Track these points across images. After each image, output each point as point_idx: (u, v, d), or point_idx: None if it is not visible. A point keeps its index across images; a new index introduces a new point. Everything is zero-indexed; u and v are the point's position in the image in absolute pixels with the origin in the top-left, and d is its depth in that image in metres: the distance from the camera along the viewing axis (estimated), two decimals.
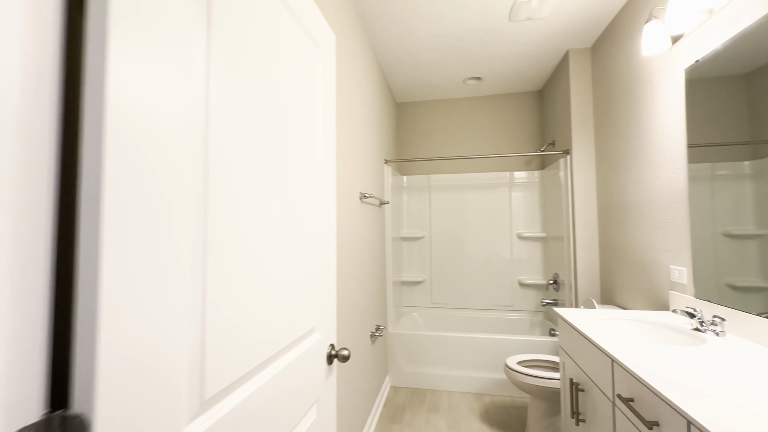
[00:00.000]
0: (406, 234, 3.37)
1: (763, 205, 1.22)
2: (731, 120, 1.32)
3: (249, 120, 0.65)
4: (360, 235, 1.98)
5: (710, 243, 1.41)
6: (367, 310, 2.09)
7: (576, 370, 1.42)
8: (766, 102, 1.20)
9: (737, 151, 1.30)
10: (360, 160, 2.00)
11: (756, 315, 1.18)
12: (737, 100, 1.30)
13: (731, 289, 1.32)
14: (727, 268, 1.34)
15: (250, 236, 0.65)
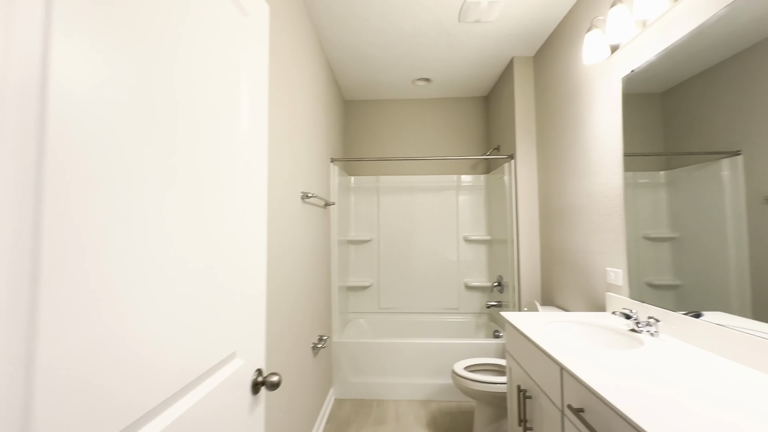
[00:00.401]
0: (354, 237, 3.24)
1: (674, 211, 1.33)
2: (651, 133, 1.42)
3: (121, 96, 0.48)
4: (302, 239, 1.81)
5: (633, 245, 1.51)
6: (309, 321, 1.92)
7: (523, 376, 1.39)
8: (676, 119, 1.31)
9: (656, 161, 1.40)
10: (302, 157, 1.84)
11: (683, 314, 1.23)
12: (655, 115, 1.40)
13: (650, 287, 1.43)
14: (646, 268, 1.45)
15: (133, 250, 0.47)
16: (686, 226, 1.29)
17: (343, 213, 3.00)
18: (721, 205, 1.15)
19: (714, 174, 1.17)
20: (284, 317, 1.52)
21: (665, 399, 0.80)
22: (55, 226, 0.37)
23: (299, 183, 1.77)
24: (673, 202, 1.34)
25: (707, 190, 1.20)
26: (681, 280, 1.31)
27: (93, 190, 0.42)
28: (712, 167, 1.18)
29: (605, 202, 1.67)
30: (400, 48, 2.39)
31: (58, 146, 0.38)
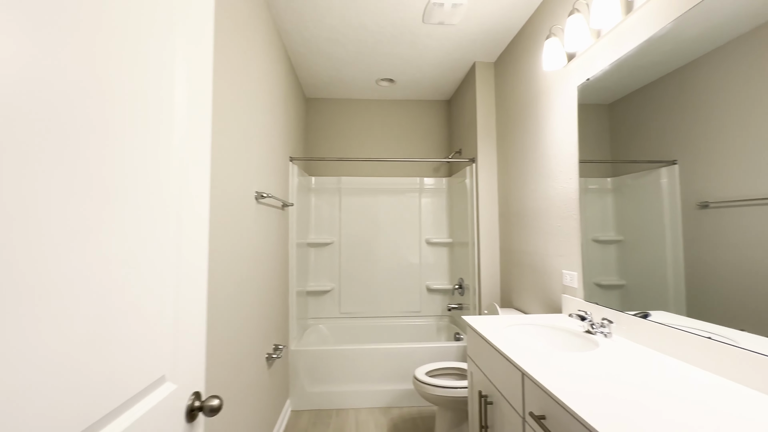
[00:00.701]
0: (314, 239, 3.12)
1: (620, 215, 1.40)
2: (600, 142, 1.49)
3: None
4: (256, 242, 1.68)
5: (585, 248, 1.58)
6: (263, 330, 1.79)
7: (484, 381, 1.37)
8: (621, 129, 1.39)
9: (604, 169, 1.48)
10: (257, 154, 1.71)
11: (632, 315, 1.27)
12: (604, 125, 1.47)
13: (598, 287, 1.50)
14: (595, 270, 1.52)
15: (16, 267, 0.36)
16: (630, 229, 1.35)
17: (303, 214, 2.88)
18: (660, 210, 1.22)
19: (654, 181, 1.24)
20: (234, 329, 1.39)
21: (623, 402, 0.80)
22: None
23: (253, 182, 1.65)
24: (619, 207, 1.41)
25: (648, 196, 1.27)
26: (625, 280, 1.37)
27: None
28: (653, 175, 1.25)
29: (562, 207, 1.72)
30: (363, 45, 2.33)
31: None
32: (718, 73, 1.03)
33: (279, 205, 2.17)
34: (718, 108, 1.03)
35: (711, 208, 1.04)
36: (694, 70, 1.10)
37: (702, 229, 1.07)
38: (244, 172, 1.52)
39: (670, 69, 1.17)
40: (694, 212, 1.10)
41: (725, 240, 1.00)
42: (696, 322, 1.07)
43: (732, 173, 0.98)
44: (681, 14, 1.10)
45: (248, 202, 1.58)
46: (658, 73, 1.22)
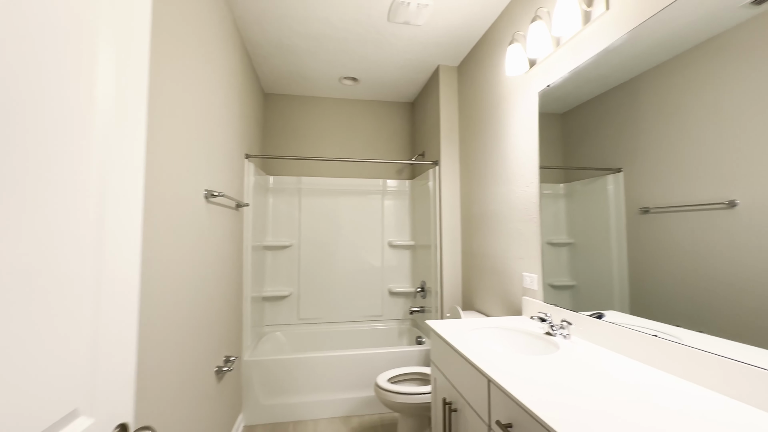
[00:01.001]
0: (272, 242, 2.96)
1: (571, 219, 1.46)
2: (554, 149, 1.55)
3: None
4: (206, 245, 1.53)
5: (544, 251, 1.62)
6: (212, 341, 1.64)
7: (448, 388, 1.34)
8: (572, 138, 1.45)
9: (557, 175, 1.53)
10: (208, 149, 1.57)
11: (588, 316, 1.31)
12: (557, 134, 1.52)
13: (552, 287, 1.55)
14: (549, 271, 1.57)
15: None
16: (580, 232, 1.41)
17: (260, 215, 2.72)
18: (607, 215, 1.28)
19: (601, 187, 1.31)
20: (178, 343, 1.25)
21: (587, 410, 0.79)
22: None
23: (203, 179, 1.50)
24: (570, 212, 1.47)
25: (596, 202, 1.33)
26: (576, 281, 1.43)
27: None
28: (600, 181, 1.31)
29: (523, 210, 1.74)
30: (327, 41, 2.25)
31: None
32: (657, 88, 1.09)
33: (232, 205, 2.02)
34: (657, 121, 1.09)
35: (651, 213, 1.11)
36: (637, 84, 1.16)
37: (643, 232, 1.14)
38: (192, 168, 1.38)
39: (617, 82, 1.24)
40: (636, 217, 1.16)
41: (663, 242, 1.07)
42: (642, 320, 1.13)
43: (669, 181, 1.05)
44: (631, 29, 1.15)
45: (196, 202, 1.43)
46: (606, 85, 1.29)
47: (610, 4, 1.24)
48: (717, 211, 0.92)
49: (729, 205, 0.90)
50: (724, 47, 0.91)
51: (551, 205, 1.57)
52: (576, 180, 1.44)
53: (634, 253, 1.17)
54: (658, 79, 1.09)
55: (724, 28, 0.91)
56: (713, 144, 0.94)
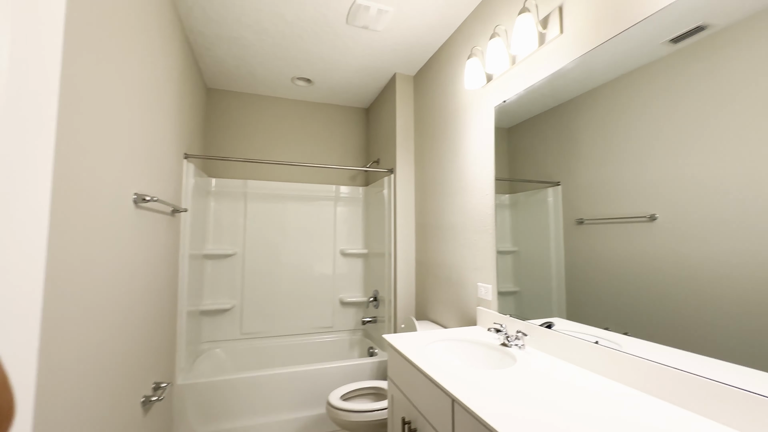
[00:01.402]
0: (212, 250, 2.71)
1: (515, 229, 1.54)
2: (501, 161, 1.63)
3: None
4: (134, 256, 1.32)
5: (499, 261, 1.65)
6: (139, 367, 1.42)
7: (407, 407, 1.29)
8: (516, 152, 1.53)
9: (503, 186, 1.61)
10: (139, 147, 1.36)
11: (539, 326, 1.35)
12: (504, 147, 1.60)
13: (498, 294, 1.62)
14: (497, 278, 1.64)
15: None
16: (523, 241, 1.48)
17: (199, 221, 2.47)
18: (547, 225, 1.36)
19: (542, 199, 1.39)
20: (91, 378, 1.04)
21: (554, 428, 0.79)
22: None
23: (131, 181, 1.30)
24: (514, 221, 1.54)
25: (537, 212, 1.41)
26: (519, 287, 1.50)
27: None
28: (541, 194, 1.39)
29: (478, 221, 1.77)
30: (281, 38, 2.12)
31: None
32: (592, 110, 1.19)
33: (168, 210, 1.79)
34: (591, 140, 1.19)
35: (585, 224, 1.20)
36: (575, 105, 1.25)
37: (578, 242, 1.22)
38: (118, 169, 1.18)
39: (557, 102, 1.33)
40: (572, 227, 1.25)
41: (595, 251, 1.16)
42: (581, 326, 1.20)
43: (601, 196, 1.15)
44: (582, 54, 1.22)
45: (123, 207, 1.23)
46: (547, 105, 1.37)
47: (564, 28, 1.30)
48: (640, 224, 1.02)
49: (650, 219, 0.99)
50: (645, 77, 1.02)
51: (498, 214, 1.64)
52: (520, 191, 1.51)
53: (570, 261, 1.26)
54: (593, 102, 1.18)
55: (649, 60, 1.01)
56: (637, 164, 1.04)
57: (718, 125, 0.85)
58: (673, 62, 0.95)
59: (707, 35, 0.88)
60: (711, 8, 0.87)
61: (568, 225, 1.27)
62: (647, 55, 1.02)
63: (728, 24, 0.84)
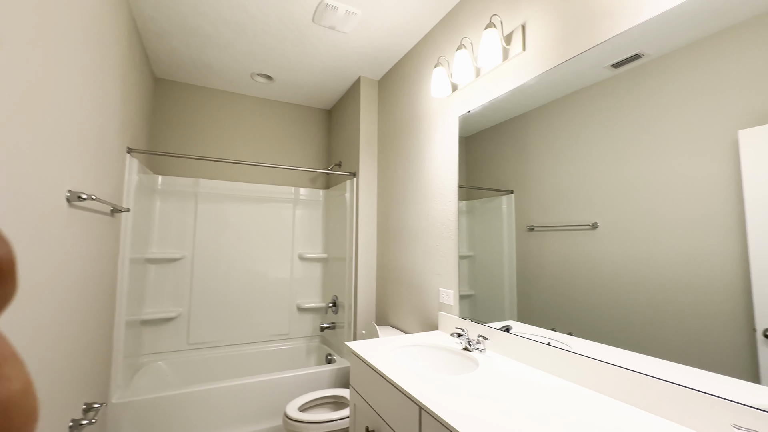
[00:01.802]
0: (156, 254, 2.49)
1: (471, 234, 1.60)
2: (460, 169, 1.69)
3: None
4: (64, 262, 1.17)
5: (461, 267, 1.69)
6: (65, 387, 1.25)
7: (371, 415, 1.27)
8: (473, 161, 1.60)
9: (461, 193, 1.68)
10: (74, 138, 1.21)
11: (498, 330, 1.39)
12: (462, 156, 1.66)
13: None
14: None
15: None
16: (478, 246, 1.55)
17: (143, 222, 2.26)
18: (501, 231, 1.43)
19: (497, 206, 1.46)
20: None
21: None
22: None
23: (63, 176, 1.15)
24: (471, 227, 1.60)
25: (492, 219, 1.48)
26: (474, 291, 1.56)
27: None
28: (496, 201, 1.47)
29: (441, 227, 1.80)
30: (241, 31, 2.01)
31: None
32: (541, 124, 1.28)
33: (107, 210, 1.61)
34: (541, 153, 1.28)
35: (536, 231, 1.28)
36: (527, 119, 1.34)
37: (529, 247, 1.30)
38: (47, 161, 1.04)
39: (513, 115, 1.40)
40: (524, 233, 1.33)
41: (544, 256, 1.25)
42: (533, 328, 1.27)
43: (550, 204, 1.23)
44: (543, 72, 1.29)
45: (54, 206, 1.08)
46: (504, 117, 1.44)
47: (526, 46, 1.37)
48: (584, 231, 1.11)
49: (592, 227, 1.09)
50: (589, 97, 1.11)
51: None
52: (476, 198, 1.58)
53: (521, 266, 1.33)
54: (544, 116, 1.27)
55: (594, 81, 1.11)
56: (581, 176, 1.13)
57: (648, 143, 0.96)
58: (613, 85, 1.05)
59: (643, 63, 0.98)
60: (646, 39, 0.97)
61: (520, 231, 1.34)
62: (592, 78, 1.11)
63: (660, 54, 0.94)
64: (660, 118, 0.94)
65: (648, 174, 0.96)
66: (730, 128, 0.81)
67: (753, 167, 0.77)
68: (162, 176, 2.58)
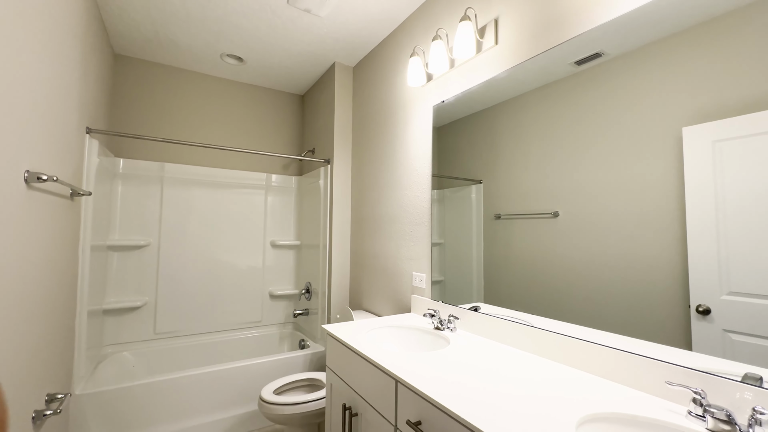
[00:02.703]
0: (118, 241, 2.38)
1: (442, 223, 1.66)
2: (432, 158, 1.74)
3: None
4: (23, 247, 1.10)
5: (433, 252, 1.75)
6: (26, 379, 1.19)
7: (348, 393, 1.32)
8: (445, 151, 1.66)
9: (433, 182, 1.73)
10: (30, 114, 1.14)
11: (468, 310, 1.48)
12: (434, 145, 1.72)
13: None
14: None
15: None
16: (449, 234, 1.62)
17: (103, 208, 2.14)
18: (470, 219, 1.51)
19: (466, 196, 1.53)
20: None
21: (483, 396, 0.89)
22: None
23: (22, 156, 1.08)
24: (441, 215, 1.67)
25: (462, 208, 1.55)
26: (443, 277, 1.64)
27: None
28: (466, 190, 1.54)
29: (415, 214, 1.86)
30: (212, 8, 1.93)
31: None
32: (509, 117, 1.35)
33: (66, 193, 1.53)
34: (507, 145, 1.36)
35: (502, 219, 1.37)
36: (496, 111, 1.41)
37: (496, 234, 1.39)
38: (2, 140, 0.98)
39: (483, 107, 1.47)
40: (491, 222, 1.41)
41: (510, 243, 1.34)
42: (499, 309, 1.37)
43: (515, 194, 1.32)
44: (513, 65, 1.35)
45: (12, 188, 1.02)
46: (472, 108, 1.51)
47: (498, 39, 1.43)
48: (546, 219, 1.20)
49: (554, 215, 1.18)
50: (555, 93, 1.19)
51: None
52: (447, 188, 1.64)
53: (488, 252, 1.42)
54: (513, 109, 1.34)
55: (558, 78, 1.19)
56: (545, 167, 1.22)
57: (604, 140, 1.05)
58: (575, 81, 1.13)
59: (602, 61, 1.07)
60: (607, 39, 1.06)
61: (488, 219, 1.42)
62: (558, 74, 1.19)
63: (618, 53, 1.03)
64: (615, 116, 1.03)
65: (604, 168, 1.05)
66: (675, 126, 0.90)
67: (694, 162, 0.87)
68: (124, 159, 2.45)
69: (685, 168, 0.88)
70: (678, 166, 0.90)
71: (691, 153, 0.87)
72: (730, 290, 0.81)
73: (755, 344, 0.77)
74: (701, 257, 0.85)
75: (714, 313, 0.83)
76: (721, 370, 0.81)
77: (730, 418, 0.71)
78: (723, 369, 0.80)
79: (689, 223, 0.87)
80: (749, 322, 0.78)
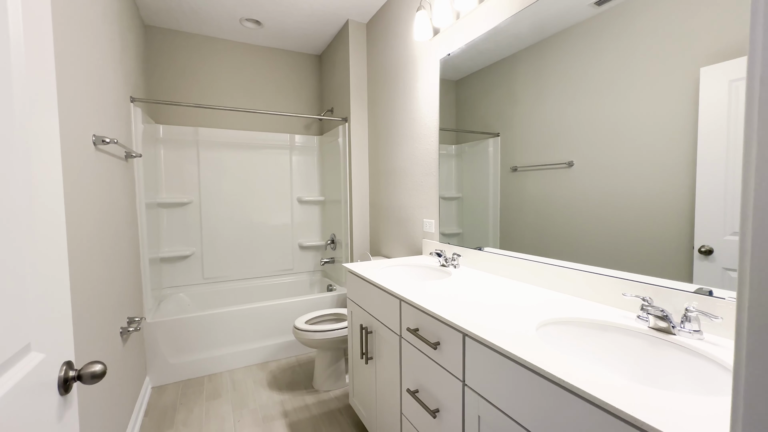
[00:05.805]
0: (166, 199, 2.70)
1: (459, 177, 1.74)
2: (450, 113, 1.78)
3: None
4: (98, 199, 1.38)
5: (440, 200, 1.89)
6: (115, 302, 1.53)
7: (365, 316, 1.57)
8: (463, 104, 1.68)
9: (451, 136, 1.77)
10: (90, 87, 1.36)
11: (472, 249, 1.65)
12: (453, 99, 1.74)
13: (443, 235, 1.87)
14: (441, 221, 1.88)
15: None
16: (466, 188, 1.70)
17: (151, 170, 2.44)
18: (487, 173, 1.57)
19: (484, 149, 1.58)
20: (86, 298, 1.16)
21: (469, 309, 1.08)
22: None
23: (89, 121, 1.32)
24: (459, 170, 1.73)
25: (479, 161, 1.60)
26: (461, 229, 1.74)
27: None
28: (483, 144, 1.58)
29: (424, 165, 2.00)
30: None
31: None
32: (528, 67, 1.35)
33: (122, 154, 1.79)
34: (525, 95, 1.37)
35: (519, 171, 1.41)
36: (514, 61, 1.41)
37: (512, 186, 1.45)
38: (77, 107, 1.20)
39: (500, 57, 1.47)
40: (508, 174, 1.46)
41: (525, 194, 1.39)
42: (508, 252, 1.48)
43: (532, 146, 1.35)
44: (515, 13, 1.39)
45: (84, 148, 1.26)
46: (492, 59, 1.51)
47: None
48: (561, 170, 1.23)
49: (569, 165, 1.20)
50: (573, 36, 1.18)
51: (445, 164, 1.83)
52: (465, 142, 1.68)
53: (504, 203, 1.48)
54: (530, 57, 1.33)
55: (577, 21, 1.16)
56: (561, 114, 1.23)
57: (621, 83, 1.03)
58: (596, 23, 1.10)
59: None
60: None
61: (505, 172, 1.46)
62: (576, 16, 1.15)
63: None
64: (634, 59, 1.00)
65: (620, 113, 1.04)
66: (693, 68, 0.87)
67: (709, 102, 0.85)
68: (163, 125, 2.71)
69: (700, 108, 0.86)
70: (693, 107, 0.88)
71: (707, 93, 0.85)
72: (733, 231, 0.83)
73: None
74: (708, 198, 0.86)
75: (716, 252, 0.86)
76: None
77: (664, 315, 0.86)
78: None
79: (699, 165, 0.87)
80: None
